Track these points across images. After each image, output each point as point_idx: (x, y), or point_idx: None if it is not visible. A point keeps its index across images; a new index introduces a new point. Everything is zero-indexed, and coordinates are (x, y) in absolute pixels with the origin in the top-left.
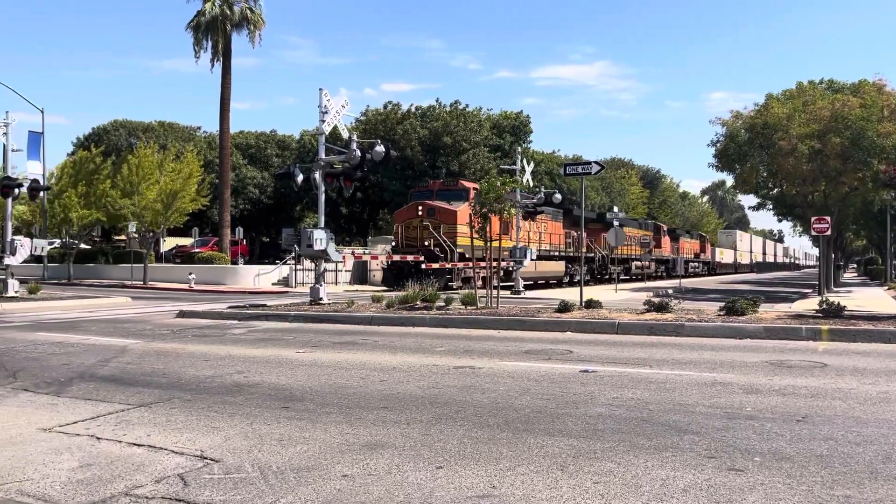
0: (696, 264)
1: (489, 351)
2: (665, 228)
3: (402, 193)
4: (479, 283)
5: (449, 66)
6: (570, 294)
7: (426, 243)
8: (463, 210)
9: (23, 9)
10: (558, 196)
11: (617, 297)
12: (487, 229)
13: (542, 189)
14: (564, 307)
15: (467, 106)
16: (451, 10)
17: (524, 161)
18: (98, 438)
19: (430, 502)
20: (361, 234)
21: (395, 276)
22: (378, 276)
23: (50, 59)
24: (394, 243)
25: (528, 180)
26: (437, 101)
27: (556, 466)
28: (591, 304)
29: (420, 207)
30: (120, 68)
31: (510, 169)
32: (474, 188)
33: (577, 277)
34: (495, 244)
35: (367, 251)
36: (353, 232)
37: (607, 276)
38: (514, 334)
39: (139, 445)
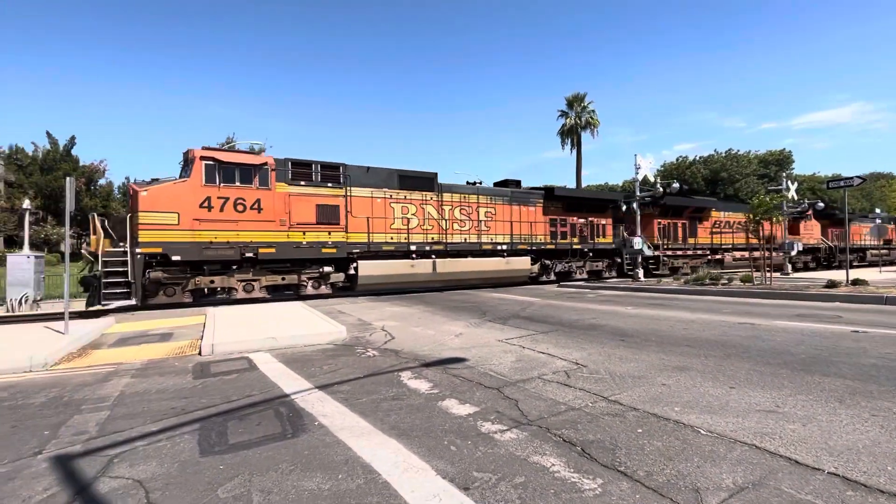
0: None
1: (764, 313)
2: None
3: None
4: (241, 292)
5: (721, 127)
6: (831, 275)
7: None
8: (162, 189)
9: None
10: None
11: (879, 277)
12: (760, 233)
13: (806, 201)
14: (832, 284)
15: (738, 151)
16: (719, 89)
17: (788, 182)
18: (522, 347)
19: (726, 407)
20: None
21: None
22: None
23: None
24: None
25: (792, 195)
26: (715, 150)
27: (834, 398)
28: (857, 282)
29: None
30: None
31: (776, 189)
32: (211, 159)
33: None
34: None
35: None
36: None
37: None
38: (784, 303)
39: (543, 353)
